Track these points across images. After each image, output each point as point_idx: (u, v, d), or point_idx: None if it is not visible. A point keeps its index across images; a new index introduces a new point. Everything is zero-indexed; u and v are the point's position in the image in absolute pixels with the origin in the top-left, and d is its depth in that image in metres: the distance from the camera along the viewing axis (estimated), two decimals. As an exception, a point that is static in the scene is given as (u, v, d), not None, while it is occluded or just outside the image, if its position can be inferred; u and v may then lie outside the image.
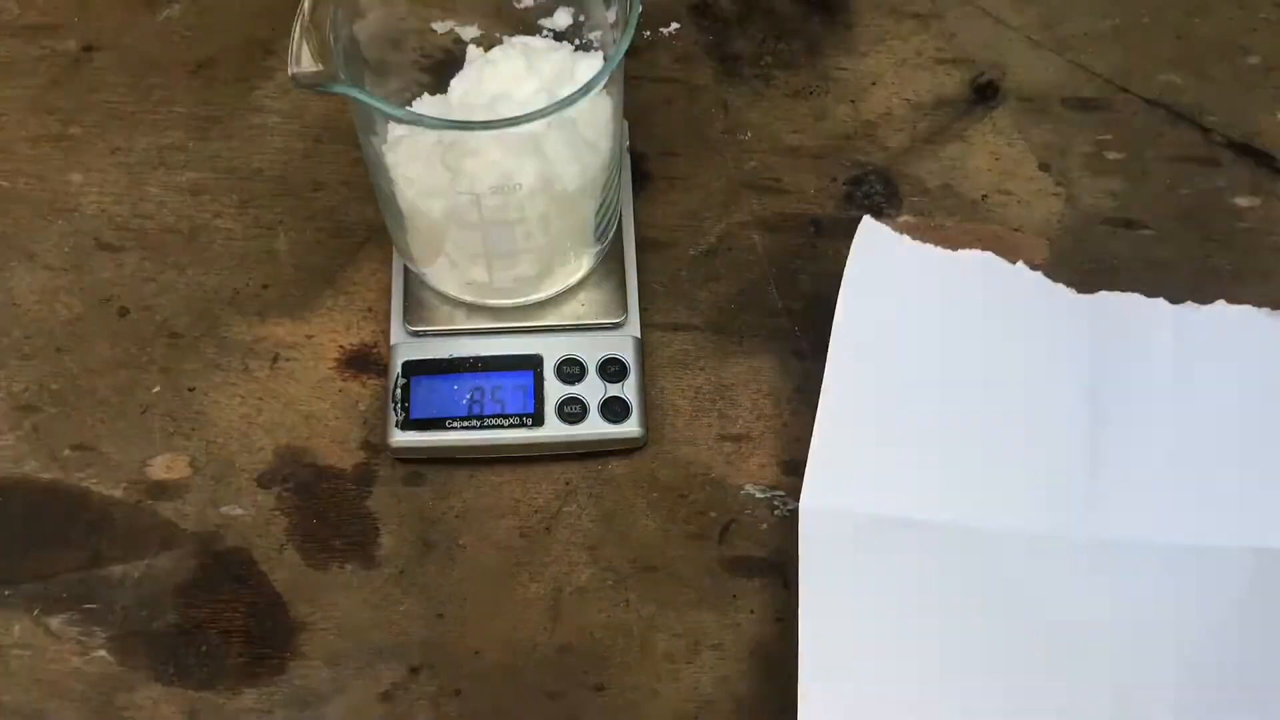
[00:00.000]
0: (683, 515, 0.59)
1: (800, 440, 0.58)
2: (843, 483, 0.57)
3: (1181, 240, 0.66)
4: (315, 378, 0.62)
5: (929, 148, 0.69)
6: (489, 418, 0.59)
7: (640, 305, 0.63)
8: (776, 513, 0.59)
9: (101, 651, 0.56)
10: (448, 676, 0.56)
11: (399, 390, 0.59)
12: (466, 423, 0.59)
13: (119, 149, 0.68)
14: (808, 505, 0.56)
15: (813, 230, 0.66)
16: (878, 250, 0.61)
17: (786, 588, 0.57)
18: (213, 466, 0.60)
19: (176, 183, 0.67)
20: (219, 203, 0.67)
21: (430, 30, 0.60)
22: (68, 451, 0.60)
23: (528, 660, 0.56)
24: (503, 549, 0.58)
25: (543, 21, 0.61)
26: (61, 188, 0.67)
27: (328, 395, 0.62)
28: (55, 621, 0.57)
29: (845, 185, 0.68)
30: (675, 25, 0.73)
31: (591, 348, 0.60)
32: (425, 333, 0.61)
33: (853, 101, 0.70)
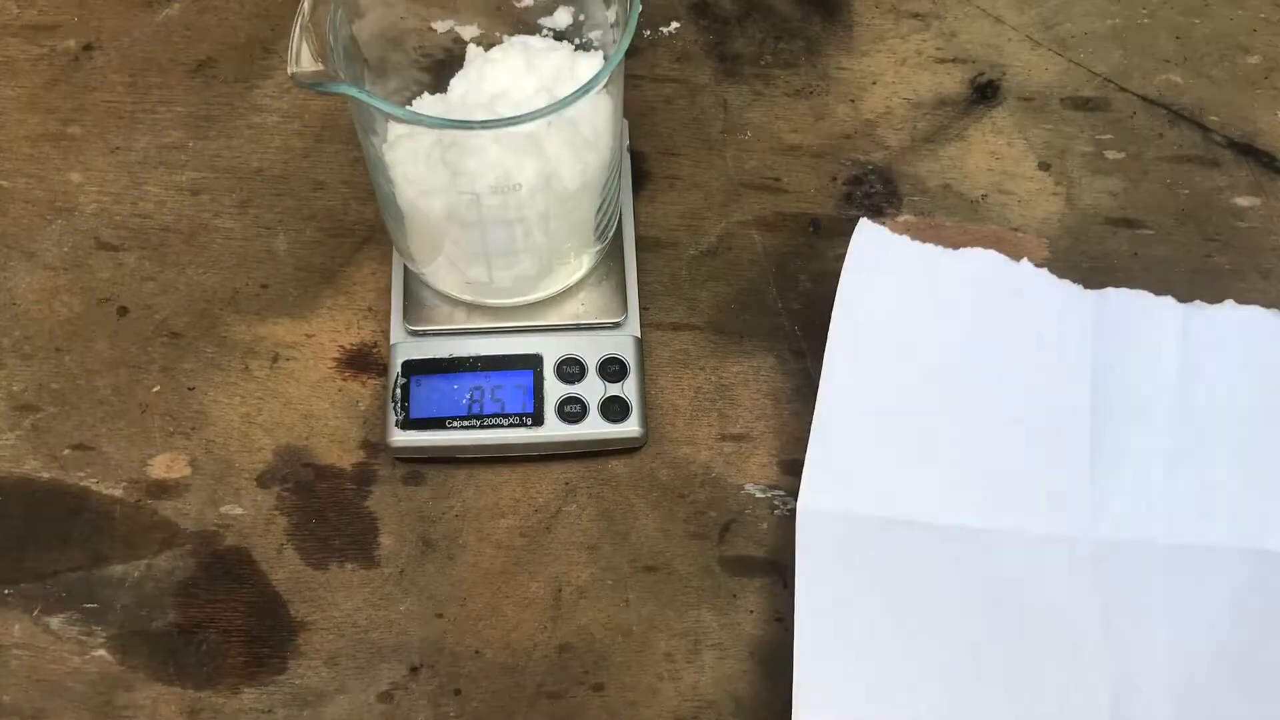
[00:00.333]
0: (682, 515, 0.59)
1: (800, 440, 0.58)
2: (840, 484, 0.57)
3: (1181, 240, 0.66)
4: (315, 377, 0.62)
5: (929, 147, 0.69)
6: (489, 417, 0.59)
7: (640, 305, 0.63)
8: (776, 512, 0.59)
9: (101, 651, 0.56)
10: (447, 676, 0.56)
11: (399, 390, 0.59)
12: (466, 422, 0.59)
13: (119, 148, 0.68)
14: (805, 507, 0.56)
15: (812, 230, 0.66)
16: (875, 252, 0.61)
17: (786, 587, 0.57)
18: (213, 466, 0.60)
19: (176, 182, 0.68)
20: (219, 202, 0.67)
21: (430, 30, 0.61)
22: (67, 451, 0.60)
23: (528, 660, 0.56)
24: (503, 549, 0.58)
25: (543, 21, 0.61)
26: (61, 187, 0.67)
27: (327, 395, 0.62)
28: (55, 621, 0.57)
29: (845, 185, 0.68)
30: (675, 25, 0.73)
31: (591, 347, 0.60)
32: (425, 332, 0.61)
33: (852, 101, 0.70)
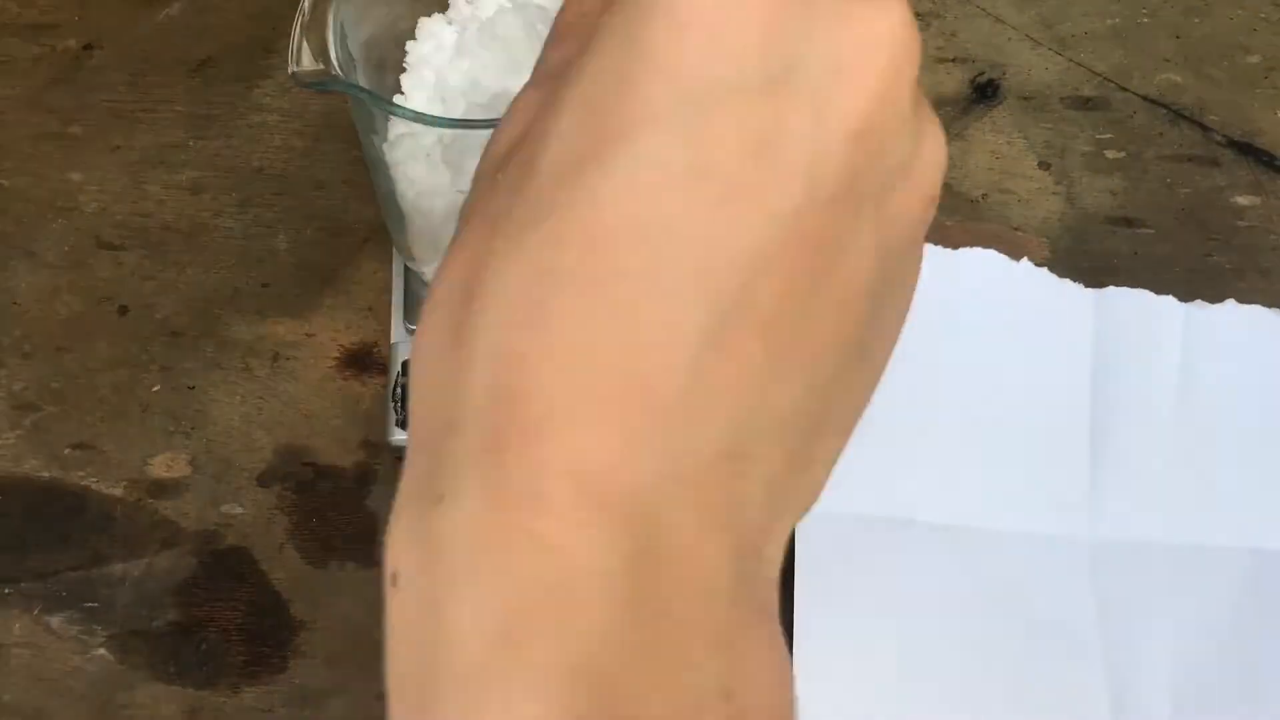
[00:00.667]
0: (683, 514, 0.59)
1: (800, 439, 0.58)
2: (839, 484, 0.57)
3: (1181, 239, 0.66)
4: (315, 376, 0.62)
5: (929, 147, 0.69)
6: (489, 416, 0.59)
7: (640, 304, 0.62)
8: (776, 512, 0.59)
9: (101, 650, 0.56)
10: (448, 675, 0.56)
11: (399, 389, 0.59)
12: (466, 421, 0.59)
13: (119, 147, 0.68)
14: None
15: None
16: None
17: (786, 587, 0.57)
18: (213, 465, 0.60)
19: (176, 181, 0.67)
20: (219, 201, 0.67)
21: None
22: (67, 450, 0.60)
23: (528, 659, 0.56)
24: (503, 548, 0.58)
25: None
26: (61, 186, 0.67)
27: (328, 394, 0.62)
28: (55, 620, 0.57)
29: (845, 184, 0.67)
30: (675, 24, 0.73)
31: (592, 347, 0.60)
32: (425, 331, 0.61)
33: (853, 100, 0.70)
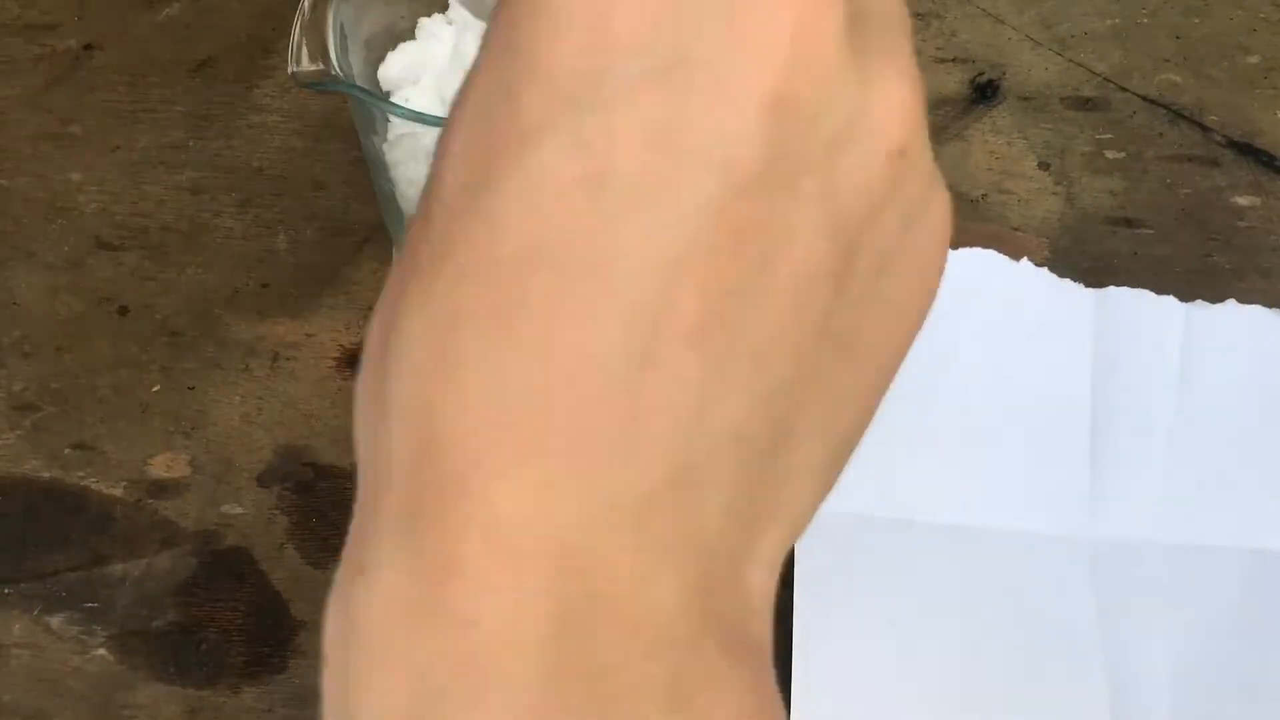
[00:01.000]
0: (683, 514, 0.59)
1: (800, 439, 0.58)
2: (838, 484, 0.57)
3: (1181, 239, 0.66)
4: (315, 376, 0.62)
5: (929, 147, 0.69)
6: (489, 417, 0.59)
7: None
8: (776, 512, 0.59)
9: (101, 650, 0.56)
10: (448, 675, 0.56)
11: (399, 389, 0.59)
12: (466, 422, 0.59)
13: (119, 148, 0.68)
14: None
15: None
16: None
17: (786, 587, 0.57)
18: (213, 465, 0.60)
19: (176, 181, 0.67)
20: (219, 202, 0.67)
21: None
22: (68, 450, 0.60)
23: (528, 659, 0.56)
24: (503, 548, 0.58)
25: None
26: (61, 186, 0.67)
27: (328, 394, 0.62)
28: (55, 620, 0.57)
29: (845, 184, 0.67)
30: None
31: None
32: (425, 332, 0.61)
33: (853, 100, 0.70)
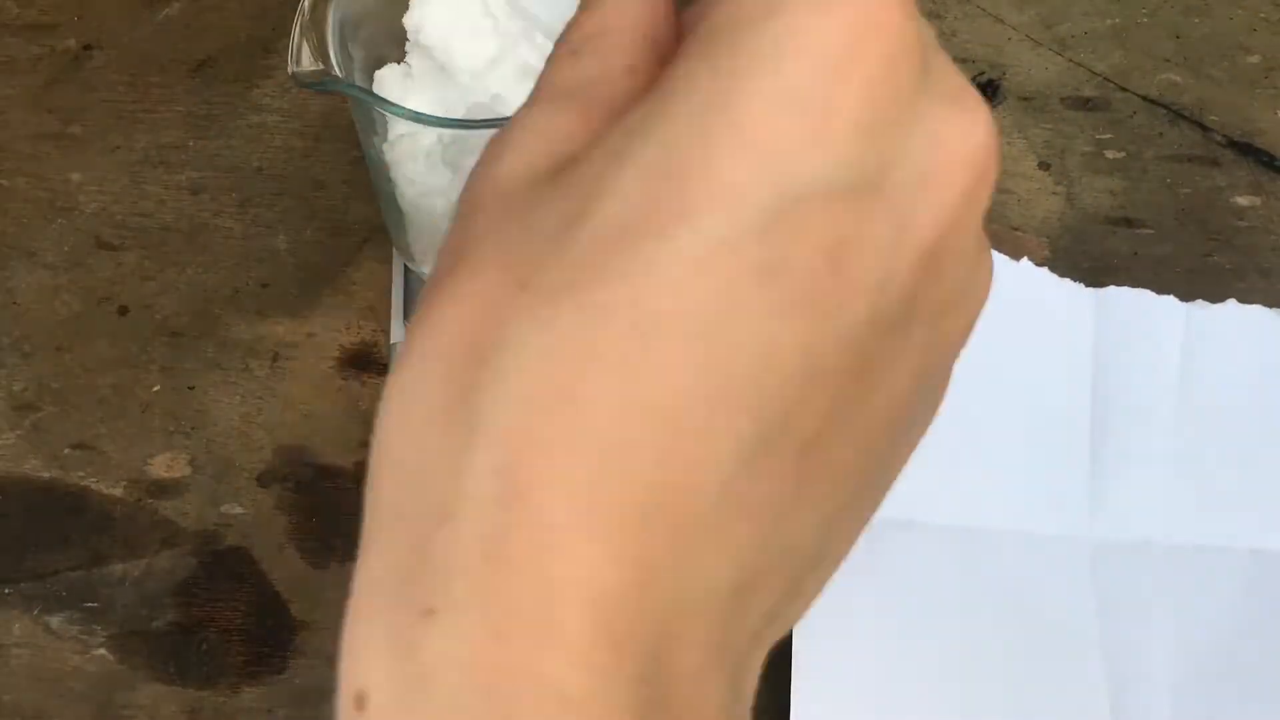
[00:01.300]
0: (683, 514, 0.59)
1: (800, 439, 0.58)
2: None
3: (1181, 239, 0.66)
4: (315, 376, 0.62)
5: (929, 147, 0.69)
6: (489, 417, 0.59)
7: (640, 304, 0.62)
8: (776, 512, 0.59)
9: (101, 650, 0.56)
10: (448, 675, 0.56)
11: (399, 389, 0.59)
12: (467, 422, 0.59)
13: (118, 147, 0.68)
14: None
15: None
16: None
17: (786, 587, 0.57)
18: (213, 465, 0.60)
19: (176, 181, 0.67)
20: (219, 201, 0.67)
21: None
22: (67, 450, 0.60)
23: (528, 659, 0.56)
24: (503, 548, 0.58)
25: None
26: (61, 186, 0.67)
27: (328, 394, 0.62)
28: (55, 620, 0.57)
29: (845, 184, 0.67)
30: (675, 24, 0.73)
31: (592, 347, 0.60)
32: (425, 332, 0.61)
33: (853, 100, 0.70)
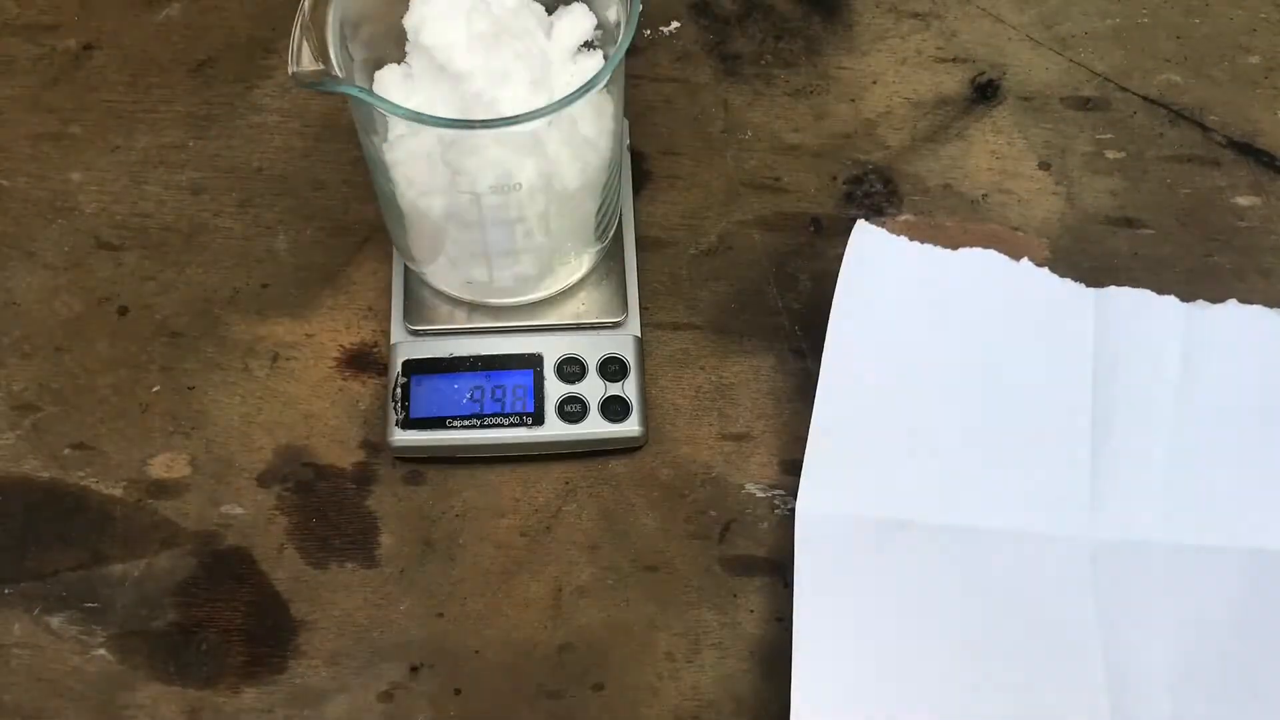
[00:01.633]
0: (683, 514, 0.59)
1: (800, 439, 0.58)
2: (838, 484, 0.57)
3: (1182, 239, 0.66)
4: (315, 377, 0.62)
5: (929, 146, 0.69)
6: (489, 417, 0.59)
7: (640, 304, 0.63)
8: (777, 512, 0.59)
9: (101, 650, 0.56)
10: (448, 675, 0.56)
11: (399, 389, 0.59)
12: (467, 422, 0.59)
13: (119, 148, 0.68)
14: (803, 508, 0.56)
15: (813, 229, 0.66)
16: (873, 253, 0.61)
17: (786, 587, 0.57)
18: (212, 465, 0.60)
19: (176, 181, 0.67)
20: (219, 202, 0.67)
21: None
22: (67, 450, 0.60)
23: (528, 660, 0.56)
24: (503, 548, 0.58)
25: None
26: (61, 186, 0.67)
27: (328, 394, 0.62)
28: (55, 620, 0.57)
29: (845, 184, 0.68)
30: (675, 24, 0.73)
31: (592, 347, 0.60)
32: (425, 332, 0.61)
33: (853, 100, 0.70)
